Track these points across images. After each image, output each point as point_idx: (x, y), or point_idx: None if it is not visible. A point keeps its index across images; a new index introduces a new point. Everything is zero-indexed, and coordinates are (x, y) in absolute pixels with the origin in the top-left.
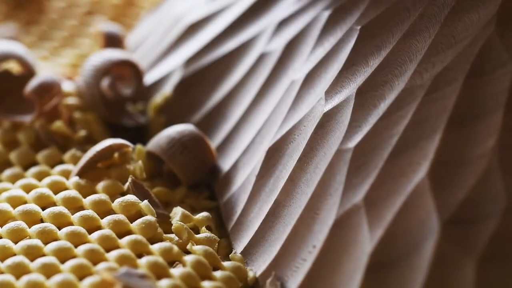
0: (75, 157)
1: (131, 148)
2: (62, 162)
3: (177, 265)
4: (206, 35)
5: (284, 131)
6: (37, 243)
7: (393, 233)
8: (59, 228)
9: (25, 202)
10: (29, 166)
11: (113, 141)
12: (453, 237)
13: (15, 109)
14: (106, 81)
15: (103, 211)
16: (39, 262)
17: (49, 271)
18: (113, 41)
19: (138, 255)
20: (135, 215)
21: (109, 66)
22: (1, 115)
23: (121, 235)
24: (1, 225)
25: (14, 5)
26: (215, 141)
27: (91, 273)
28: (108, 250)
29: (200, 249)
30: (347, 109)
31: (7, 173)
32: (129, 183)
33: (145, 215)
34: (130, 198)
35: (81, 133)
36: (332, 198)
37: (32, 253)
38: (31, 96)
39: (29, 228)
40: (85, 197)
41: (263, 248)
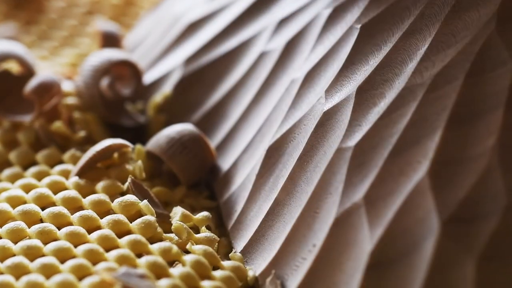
0: (75, 157)
1: (130, 148)
2: (61, 162)
3: (176, 265)
4: (206, 34)
5: (284, 130)
6: (37, 243)
7: (393, 232)
8: (59, 228)
9: (24, 202)
10: (29, 166)
11: (112, 141)
12: (453, 235)
13: (15, 109)
14: (105, 81)
15: (103, 211)
16: (38, 262)
17: (48, 271)
18: (111, 40)
19: (137, 255)
20: (135, 215)
21: (108, 66)
22: (0, 115)
23: (120, 235)
24: (1, 225)
25: (14, 4)
26: (215, 140)
27: (90, 273)
28: (107, 250)
29: (199, 249)
30: (347, 107)
31: (7, 172)
32: (129, 183)
33: (145, 215)
34: (129, 198)
35: (81, 133)
36: (332, 197)
37: (31, 253)
38: (30, 96)
39: (29, 228)
40: (84, 197)
41: (263, 247)
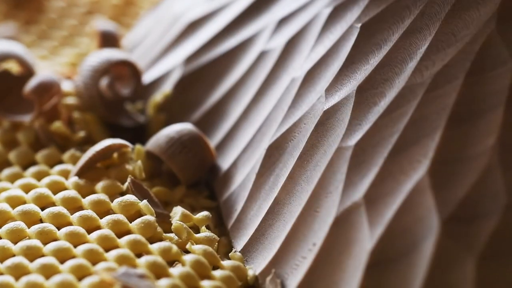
0: (74, 157)
1: (130, 148)
2: (61, 162)
3: (176, 265)
4: (206, 33)
5: (284, 129)
6: (36, 243)
7: (393, 231)
8: (59, 228)
9: (24, 202)
10: (28, 165)
11: (112, 141)
12: (453, 235)
13: (15, 109)
14: (104, 81)
15: (102, 211)
16: (38, 262)
17: (48, 271)
18: (109, 40)
19: (137, 255)
20: (135, 215)
21: (107, 66)
22: (0, 115)
23: (120, 235)
24: (1, 226)
25: (13, 4)
26: (215, 139)
27: (90, 273)
28: (107, 250)
29: (199, 249)
30: (347, 107)
31: (6, 172)
32: (128, 183)
33: (144, 215)
34: (129, 198)
35: (80, 133)
36: (332, 196)
37: (31, 254)
38: (30, 95)
39: (28, 228)
40: (84, 197)
41: (263, 246)
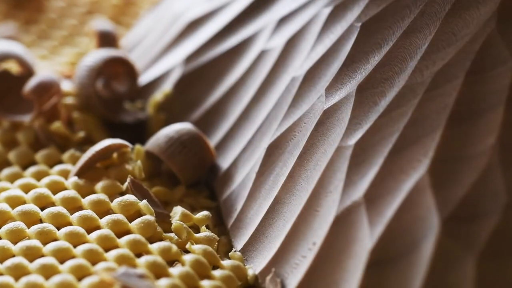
0: (74, 157)
1: (130, 148)
2: (61, 162)
3: (176, 265)
4: (206, 33)
5: (284, 128)
6: (36, 243)
7: (393, 230)
8: (58, 228)
9: (24, 202)
10: (28, 165)
11: (112, 141)
12: (453, 234)
13: (14, 109)
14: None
15: (102, 211)
16: (38, 263)
17: (48, 272)
18: (107, 40)
19: (137, 255)
20: (134, 214)
21: (102, 64)
22: (0, 115)
23: (120, 235)
24: (0, 226)
25: (13, 4)
26: (215, 138)
27: (90, 273)
28: (107, 250)
29: (199, 249)
30: (347, 106)
31: (6, 172)
32: (128, 182)
33: (144, 215)
34: (129, 198)
35: (80, 133)
36: (332, 195)
37: (31, 254)
38: (30, 95)
39: (28, 228)
40: (84, 197)
41: (263, 245)
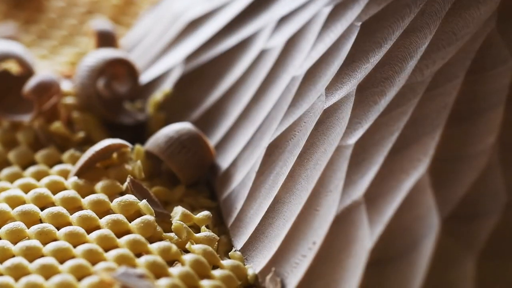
0: (74, 157)
1: (129, 148)
2: (60, 162)
3: (176, 264)
4: (206, 32)
5: (284, 128)
6: (36, 243)
7: (393, 229)
8: (58, 228)
9: (23, 202)
10: (28, 165)
11: (111, 141)
12: (453, 233)
13: (14, 109)
14: (102, 81)
15: (102, 211)
16: (38, 263)
17: (48, 272)
18: (106, 40)
19: (137, 255)
20: (134, 214)
21: (103, 65)
22: (0, 115)
23: (120, 235)
24: (0, 226)
25: (13, 4)
26: (215, 138)
27: (89, 273)
28: (107, 250)
29: (199, 248)
30: (347, 105)
31: (6, 172)
32: (128, 182)
33: (144, 215)
34: (128, 197)
35: (80, 134)
36: (332, 194)
37: (31, 254)
38: (29, 95)
39: (28, 228)
40: (83, 197)
41: (263, 244)
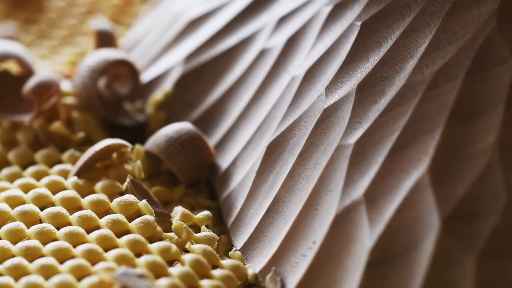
0: (74, 157)
1: (129, 148)
2: (60, 162)
3: (176, 264)
4: (206, 31)
5: (284, 127)
6: (36, 244)
7: (393, 228)
8: (58, 228)
9: (23, 202)
10: (28, 165)
11: (111, 141)
12: (453, 233)
13: (14, 109)
14: (102, 81)
15: (102, 211)
16: (37, 263)
17: (48, 272)
18: (105, 39)
19: (136, 255)
20: (134, 214)
21: (105, 66)
22: (0, 115)
23: (119, 235)
24: (0, 226)
25: (13, 4)
26: (215, 137)
27: (89, 273)
28: (106, 250)
29: (199, 248)
30: (347, 105)
31: (6, 172)
32: (128, 182)
33: (144, 215)
34: (128, 197)
35: (80, 134)
36: (332, 194)
37: (31, 254)
38: (29, 95)
39: (28, 228)
40: (83, 197)
41: (263, 244)
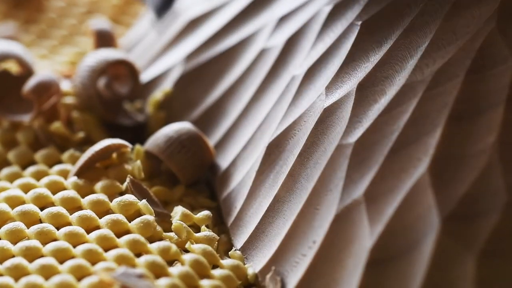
0: (74, 157)
1: (129, 148)
2: (60, 162)
3: (176, 264)
4: (206, 31)
5: (284, 127)
6: (36, 244)
7: (393, 228)
8: (58, 228)
9: (23, 202)
10: (28, 165)
11: (111, 141)
12: (453, 232)
13: (14, 109)
14: (102, 81)
15: (102, 211)
16: (37, 263)
17: (47, 272)
18: (105, 39)
19: (136, 255)
20: (134, 214)
21: (104, 66)
22: (0, 115)
23: (119, 235)
24: (0, 226)
25: (13, 4)
26: (215, 137)
27: (89, 273)
28: (106, 250)
29: (199, 248)
30: (347, 104)
31: (5, 172)
32: (128, 182)
33: (144, 215)
34: (128, 197)
35: (80, 134)
36: (332, 193)
37: (30, 254)
38: (29, 95)
39: (28, 228)
40: (83, 197)
41: (263, 243)
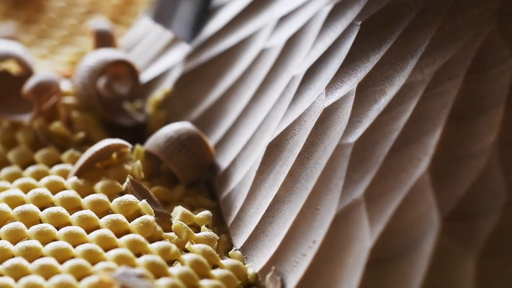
0: (74, 157)
1: (129, 148)
2: (60, 162)
3: (176, 264)
4: (206, 31)
5: (284, 127)
6: (36, 244)
7: (393, 228)
8: (58, 228)
9: (23, 202)
10: (28, 165)
11: (111, 141)
12: (453, 232)
13: (14, 109)
14: (102, 81)
15: (102, 211)
16: (37, 263)
17: (47, 272)
18: (104, 39)
19: (136, 255)
20: (134, 214)
21: (104, 66)
22: (0, 115)
23: (119, 235)
24: (0, 226)
25: (13, 4)
26: (215, 137)
27: (89, 273)
28: (106, 250)
29: (198, 248)
30: (347, 104)
31: (5, 172)
32: (128, 182)
33: (144, 215)
34: (128, 197)
35: (80, 134)
36: (332, 193)
37: (30, 254)
38: (29, 95)
39: (28, 228)
40: (83, 197)
41: (263, 243)
